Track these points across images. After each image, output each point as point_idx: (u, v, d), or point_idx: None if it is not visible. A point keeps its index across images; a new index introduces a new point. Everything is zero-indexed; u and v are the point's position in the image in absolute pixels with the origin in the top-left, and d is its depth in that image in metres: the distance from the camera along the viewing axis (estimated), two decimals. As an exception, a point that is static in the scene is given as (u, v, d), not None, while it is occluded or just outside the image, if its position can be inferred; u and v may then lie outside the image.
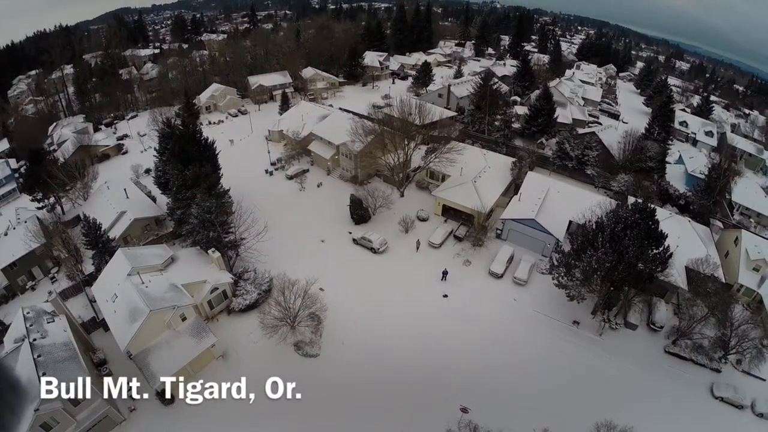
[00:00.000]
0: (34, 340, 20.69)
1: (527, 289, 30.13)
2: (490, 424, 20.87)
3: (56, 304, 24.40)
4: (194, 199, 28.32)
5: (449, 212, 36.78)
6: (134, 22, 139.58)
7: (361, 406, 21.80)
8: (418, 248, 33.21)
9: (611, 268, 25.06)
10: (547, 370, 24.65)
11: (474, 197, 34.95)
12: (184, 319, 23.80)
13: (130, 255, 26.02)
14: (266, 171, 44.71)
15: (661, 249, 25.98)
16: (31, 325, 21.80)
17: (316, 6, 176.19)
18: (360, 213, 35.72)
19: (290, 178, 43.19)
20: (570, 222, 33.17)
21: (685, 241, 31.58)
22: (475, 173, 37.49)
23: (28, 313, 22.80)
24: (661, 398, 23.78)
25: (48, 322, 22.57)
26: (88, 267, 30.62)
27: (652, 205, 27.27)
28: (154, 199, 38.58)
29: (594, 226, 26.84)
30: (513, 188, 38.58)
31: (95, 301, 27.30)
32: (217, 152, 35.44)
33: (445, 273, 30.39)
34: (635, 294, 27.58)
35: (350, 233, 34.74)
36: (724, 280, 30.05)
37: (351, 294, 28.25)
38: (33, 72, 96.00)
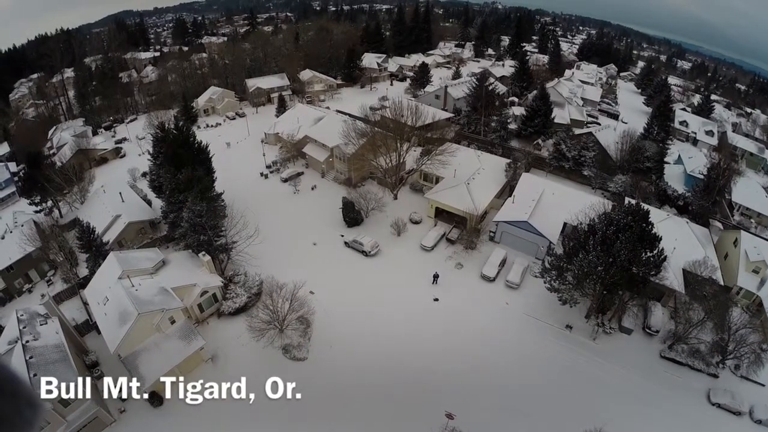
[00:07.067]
0: (27, 341, 20.88)
1: (520, 293, 29.84)
2: (478, 430, 20.64)
3: (49, 306, 24.54)
4: (186, 202, 28.42)
5: (443, 215, 36.59)
6: (135, 25, 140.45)
7: (347, 410, 21.66)
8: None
9: (603, 272, 24.75)
10: (538, 375, 24.34)
11: (467, 199, 34.74)
12: (173, 322, 23.85)
13: (121, 258, 26.14)
14: (261, 174, 44.76)
15: (655, 252, 25.62)
16: (24, 327, 22.04)
17: (317, 8, 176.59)
18: (352, 216, 35.61)
19: (285, 180, 43.19)
20: (565, 224, 32.83)
21: (683, 243, 31.16)
22: (469, 175, 37.29)
23: (21, 315, 23.04)
24: (656, 404, 23.34)
25: (41, 324, 22.79)
26: (84, 270, 30.82)
27: (646, 207, 26.94)
28: (149, 203, 38.72)
29: (586, 229, 26.54)
30: (508, 190, 38.33)
31: (88, 304, 27.44)
32: (210, 155, 35.59)
33: (436, 276, 30.18)
34: (630, 298, 27.12)
35: (342, 236, 34.66)
36: (722, 283, 29.60)
37: (341, 297, 28.12)
38: (34, 75, 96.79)
